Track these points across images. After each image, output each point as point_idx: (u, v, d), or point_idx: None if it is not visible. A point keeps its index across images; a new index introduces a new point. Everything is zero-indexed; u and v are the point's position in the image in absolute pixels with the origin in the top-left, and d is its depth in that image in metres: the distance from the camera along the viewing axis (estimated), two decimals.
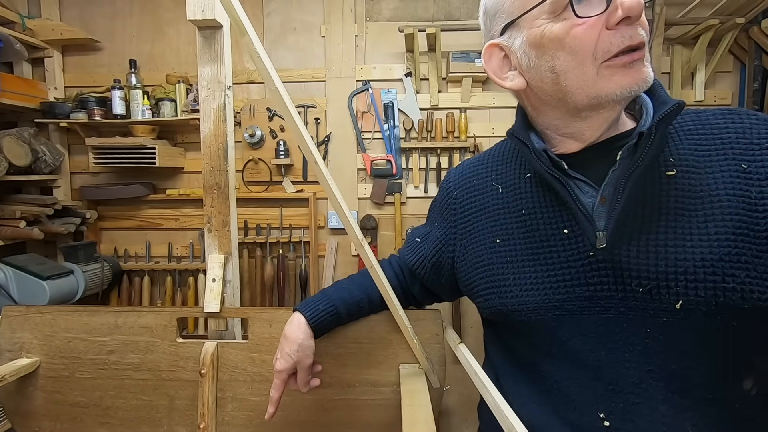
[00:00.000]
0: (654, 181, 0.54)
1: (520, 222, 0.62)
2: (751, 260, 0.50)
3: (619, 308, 0.53)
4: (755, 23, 1.87)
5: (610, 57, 0.51)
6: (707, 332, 0.51)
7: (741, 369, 0.52)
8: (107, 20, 2.19)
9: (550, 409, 0.58)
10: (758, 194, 0.51)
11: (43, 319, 0.97)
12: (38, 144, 2.01)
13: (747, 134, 0.54)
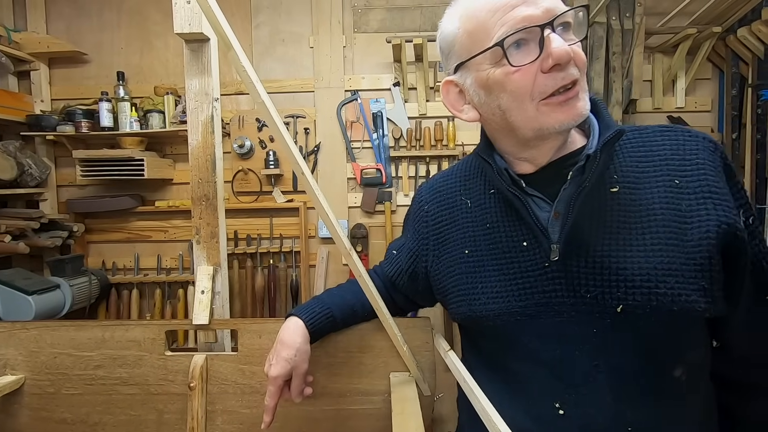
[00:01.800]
0: (600, 197, 0.60)
1: (485, 235, 0.67)
2: (679, 268, 0.56)
3: (570, 312, 0.60)
4: (732, 32, 1.93)
5: (547, 96, 0.57)
6: (644, 331, 0.58)
7: (673, 361, 0.59)
8: (95, 33, 2.19)
9: (516, 403, 0.64)
10: (687, 207, 0.57)
11: (28, 334, 0.95)
12: (24, 157, 1.99)
13: (680, 151, 0.60)
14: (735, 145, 2.00)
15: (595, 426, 0.59)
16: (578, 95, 0.57)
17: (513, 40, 0.55)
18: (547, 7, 0.55)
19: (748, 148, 1.91)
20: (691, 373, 0.60)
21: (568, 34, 0.58)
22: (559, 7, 0.56)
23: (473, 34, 0.59)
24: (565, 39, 0.56)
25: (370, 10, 2.16)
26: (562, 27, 0.57)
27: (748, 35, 1.85)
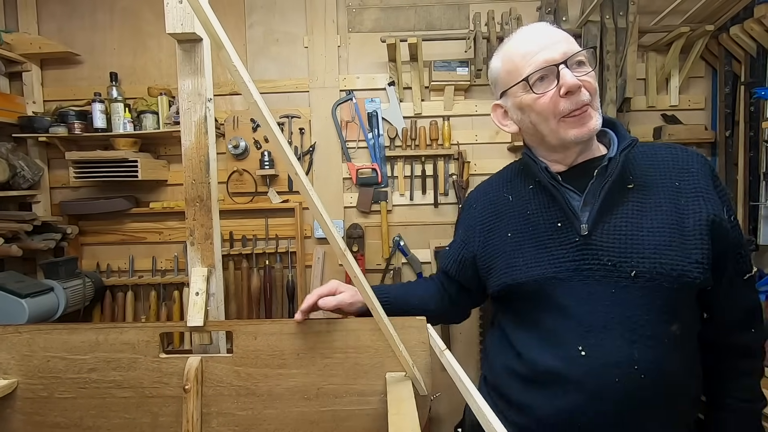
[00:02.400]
0: (619, 190, 0.80)
1: (525, 219, 0.86)
2: (679, 246, 0.76)
3: (595, 276, 0.78)
4: (724, 30, 1.94)
5: (565, 115, 0.79)
6: (650, 292, 0.76)
7: (671, 317, 0.76)
8: (87, 33, 2.17)
9: (546, 348, 0.80)
10: (684, 203, 0.79)
11: (20, 338, 0.94)
12: (16, 159, 1.97)
13: (680, 161, 0.82)
14: (728, 143, 2.01)
15: (609, 363, 0.75)
16: (590, 114, 0.78)
17: (537, 76, 0.79)
18: (563, 51, 0.78)
19: (741, 146, 1.92)
20: (683, 328, 0.77)
21: (582, 67, 0.79)
22: (573, 48, 0.79)
23: (510, 72, 0.83)
24: (578, 72, 0.78)
25: (365, 10, 2.16)
26: (576, 64, 0.79)
27: (741, 33, 1.86)
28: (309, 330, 0.94)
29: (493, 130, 2.16)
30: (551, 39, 0.80)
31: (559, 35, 0.81)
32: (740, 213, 1.94)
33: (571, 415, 0.77)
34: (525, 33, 0.83)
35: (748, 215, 1.92)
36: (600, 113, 0.80)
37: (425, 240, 2.17)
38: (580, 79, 0.76)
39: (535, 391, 0.81)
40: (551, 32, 0.81)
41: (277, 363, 0.93)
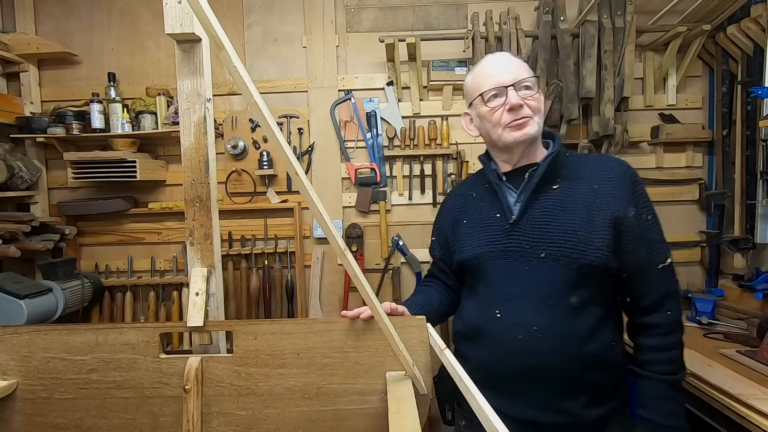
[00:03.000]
0: (544, 190, 1.01)
1: (478, 211, 1.09)
2: (584, 235, 0.95)
3: (515, 256, 0.99)
4: (721, 30, 1.95)
5: (507, 124, 1.00)
6: (555, 270, 0.96)
7: (570, 291, 0.95)
8: (85, 34, 2.17)
9: (475, 310, 1.05)
10: (598, 203, 0.97)
11: (20, 339, 0.94)
12: (14, 160, 1.97)
13: (604, 169, 1.01)
14: (725, 142, 2.02)
15: (516, 324, 0.97)
16: (528, 123, 0.99)
17: (491, 93, 1.01)
18: (513, 77, 1.00)
19: (739, 145, 1.93)
20: (582, 301, 0.95)
21: (529, 91, 1.00)
22: (523, 75, 1.00)
23: (474, 88, 1.05)
24: (525, 94, 0.99)
25: (363, 10, 2.16)
26: (524, 88, 0.99)
27: (738, 33, 1.87)
28: (309, 330, 0.94)
29: None
30: (507, 67, 1.01)
31: (515, 64, 1.02)
32: (737, 212, 1.94)
33: (491, 365, 0.98)
34: (490, 59, 1.06)
35: (745, 214, 1.93)
36: (540, 126, 1.01)
37: (424, 239, 2.17)
38: (525, 101, 0.99)
39: (469, 344, 1.05)
40: (509, 61, 1.03)
41: (277, 363, 0.94)
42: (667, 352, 0.97)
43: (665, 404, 0.95)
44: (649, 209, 0.99)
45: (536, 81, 1.01)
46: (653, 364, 0.97)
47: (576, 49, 1.94)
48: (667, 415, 0.95)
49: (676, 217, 2.18)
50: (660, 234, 0.99)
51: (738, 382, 1.26)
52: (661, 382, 0.96)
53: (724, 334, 1.70)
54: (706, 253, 2.13)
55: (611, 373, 0.98)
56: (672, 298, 0.98)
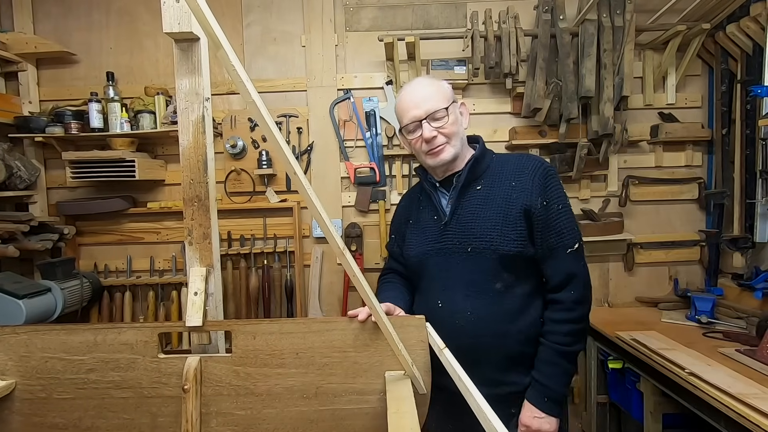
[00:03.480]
0: (469, 192, 1.16)
1: (420, 214, 1.24)
2: (501, 229, 1.09)
3: (449, 252, 1.14)
4: (720, 28, 1.95)
5: (426, 152, 1.15)
6: (479, 261, 1.10)
7: (494, 278, 1.10)
8: (83, 33, 2.16)
9: (421, 302, 1.20)
10: (515, 197, 1.11)
11: (18, 339, 0.94)
12: (12, 159, 1.96)
13: (520, 166, 1.15)
14: (725, 141, 2.02)
15: (454, 311, 1.11)
16: (444, 149, 1.13)
17: (410, 128, 1.15)
18: (426, 109, 1.12)
19: (738, 144, 1.93)
20: (506, 286, 1.10)
21: (442, 120, 1.12)
22: (433, 107, 1.11)
23: (398, 118, 1.19)
24: (437, 123, 1.12)
25: (362, 9, 2.15)
26: (437, 118, 1.12)
27: (737, 32, 1.87)
28: (308, 329, 0.94)
29: (490, 129, 2.16)
30: (422, 97, 1.13)
31: (428, 94, 1.13)
32: (736, 211, 1.94)
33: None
34: (407, 91, 1.17)
35: (744, 213, 1.93)
36: (457, 147, 1.14)
37: None
38: (438, 130, 1.12)
39: None
40: (423, 92, 1.14)
41: (276, 362, 0.93)
42: (565, 325, 1.09)
43: (552, 369, 1.08)
44: (560, 200, 1.11)
45: (446, 110, 1.12)
46: (551, 334, 1.10)
47: (575, 48, 1.94)
48: (550, 377, 1.08)
49: (675, 216, 2.18)
50: (569, 222, 1.11)
51: (737, 381, 1.26)
52: (554, 351, 1.08)
53: (724, 333, 1.70)
54: (706, 252, 2.13)
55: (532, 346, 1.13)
56: (576, 280, 1.10)
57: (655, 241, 2.16)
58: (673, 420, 1.62)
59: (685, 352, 1.49)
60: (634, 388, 1.68)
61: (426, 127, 1.11)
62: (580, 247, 1.11)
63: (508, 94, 2.13)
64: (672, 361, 1.42)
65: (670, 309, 2.04)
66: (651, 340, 1.61)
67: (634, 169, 2.16)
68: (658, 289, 2.18)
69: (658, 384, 1.52)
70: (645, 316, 1.98)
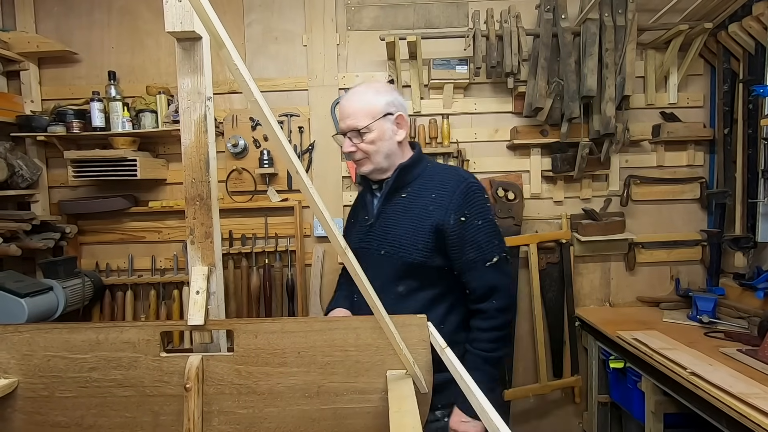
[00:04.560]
0: (395, 198, 1.24)
1: (357, 213, 1.37)
2: (411, 237, 1.17)
3: (370, 251, 1.23)
4: (723, 28, 1.94)
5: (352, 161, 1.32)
6: (388, 264, 1.19)
7: (398, 282, 1.20)
8: (85, 32, 2.16)
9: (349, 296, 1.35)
10: (431, 209, 1.17)
11: (20, 338, 0.94)
12: (14, 158, 1.97)
13: (444, 181, 1.21)
14: (727, 141, 2.02)
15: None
16: (362, 164, 1.24)
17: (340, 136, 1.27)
18: (348, 125, 1.21)
19: (740, 144, 1.93)
20: (409, 290, 1.19)
21: (364, 136, 1.20)
22: (353, 125, 1.20)
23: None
24: (356, 140, 1.21)
25: (363, 8, 2.15)
26: (357, 134, 1.20)
27: (739, 31, 1.86)
28: (309, 328, 0.94)
29: (492, 128, 2.16)
30: (349, 112, 1.21)
31: (354, 109, 1.21)
32: (738, 210, 1.94)
33: None
34: (342, 101, 1.27)
35: (746, 212, 1.92)
36: (377, 161, 1.22)
37: None
38: (357, 146, 1.21)
39: None
40: (351, 106, 1.22)
41: (278, 361, 0.94)
42: (488, 332, 1.16)
43: (478, 375, 1.07)
44: (480, 216, 1.18)
45: (369, 126, 1.19)
46: (477, 341, 1.17)
47: (577, 48, 1.93)
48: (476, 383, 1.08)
49: (677, 215, 2.18)
50: (489, 236, 1.17)
51: (739, 381, 1.26)
52: (479, 357, 1.15)
53: (725, 333, 1.70)
54: (707, 251, 2.13)
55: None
56: (498, 291, 1.17)
57: (657, 240, 2.16)
58: (675, 420, 1.62)
59: (687, 352, 1.49)
60: (636, 387, 1.68)
61: (346, 142, 1.22)
62: (500, 260, 1.17)
63: (510, 94, 2.13)
64: (673, 360, 1.42)
65: (672, 309, 2.04)
66: (652, 339, 1.61)
67: (635, 168, 2.16)
68: (659, 289, 2.18)
69: (660, 384, 1.52)
70: (646, 316, 1.98)
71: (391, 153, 1.22)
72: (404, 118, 1.25)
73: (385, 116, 1.20)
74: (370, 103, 1.20)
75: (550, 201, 2.18)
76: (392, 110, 1.22)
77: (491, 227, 1.19)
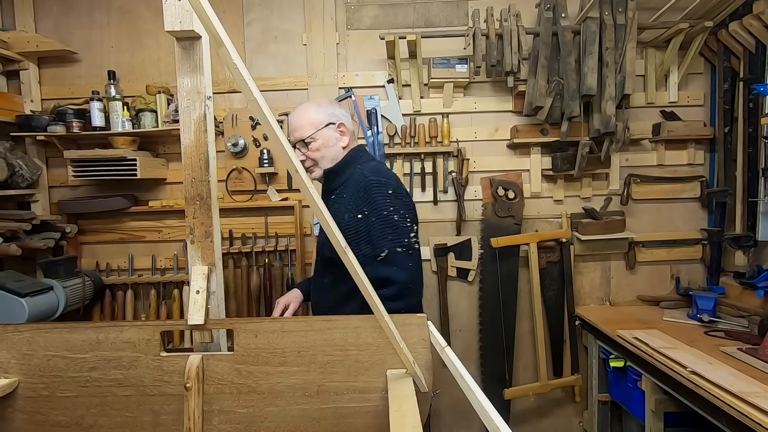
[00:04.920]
0: (330, 200, 1.38)
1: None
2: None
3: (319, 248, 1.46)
4: (723, 26, 1.94)
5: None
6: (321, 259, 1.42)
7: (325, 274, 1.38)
8: (84, 31, 2.16)
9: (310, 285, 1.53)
10: (349, 207, 1.29)
11: (21, 337, 0.94)
12: (14, 158, 1.97)
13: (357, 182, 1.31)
14: (727, 139, 2.01)
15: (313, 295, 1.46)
16: (312, 170, 1.39)
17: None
18: (296, 137, 1.37)
19: (740, 142, 1.93)
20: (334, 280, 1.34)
21: (310, 145, 1.36)
22: (299, 136, 1.36)
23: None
24: (304, 150, 1.37)
25: (363, 7, 2.15)
26: (304, 144, 1.36)
27: (740, 29, 1.86)
28: (309, 328, 0.94)
29: (492, 127, 2.16)
30: (295, 126, 1.37)
31: (299, 123, 1.36)
32: (739, 209, 1.94)
33: None
34: (290, 117, 1.41)
35: (746, 211, 1.92)
36: (323, 168, 1.37)
37: (425, 237, 2.17)
38: (305, 155, 1.36)
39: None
40: (296, 121, 1.37)
41: (278, 361, 0.94)
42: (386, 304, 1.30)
43: None
44: (376, 212, 1.26)
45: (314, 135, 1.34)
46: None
47: (577, 46, 1.93)
48: None
49: (677, 214, 2.18)
50: (382, 231, 1.25)
51: (739, 380, 1.26)
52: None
53: (726, 331, 1.70)
54: (708, 250, 2.13)
55: None
56: (391, 283, 1.23)
57: (657, 239, 2.16)
58: (675, 419, 1.62)
59: (687, 351, 1.49)
60: (636, 386, 1.68)
61: (297, 153, 1.36)
62: (390, 254, 1.24)
63: (510, 93, 2.13)
64: (674, 359, 1.42)
65: (672, 308, 2.04)
66: (652, 338, 1.61)
67: (635, 167, 2.16)
68: (659, 288, 2.18)
69: (660, 383, 1.52)
70: (646, 315, 1.98)
71: (335, 158, 1.38)
72: (347, 126, 1.39)
73: (328, 125, 1.36)
74: (312, 116, 1.36)
75: (551, 200, 2.18)
76: (334, 120, 1.37)
77: (385, 222, 1.25)
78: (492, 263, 2.11)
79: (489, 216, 2.14)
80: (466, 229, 2.18)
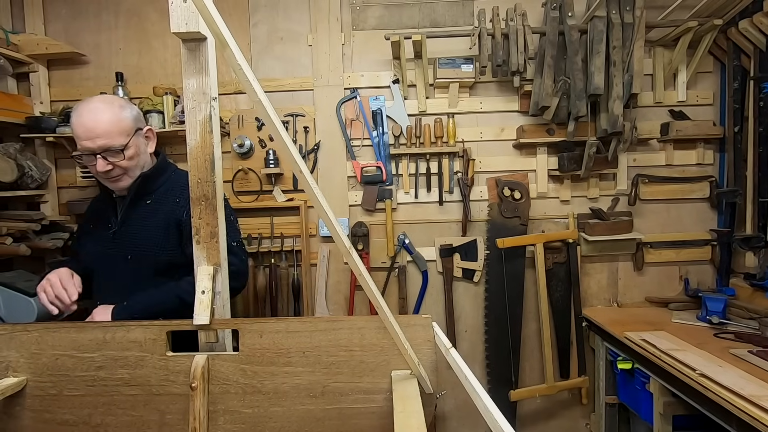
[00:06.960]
0: (140, 205, 1.32)
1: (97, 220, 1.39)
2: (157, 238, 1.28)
3: (115, 257, 1.30)
4: (733, 24, 1.91)
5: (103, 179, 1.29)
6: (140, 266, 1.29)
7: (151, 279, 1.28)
8: (93, 34, 2.18)
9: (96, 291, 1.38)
10: (177, 211, 1.28)
11: (29, 336, 0.95)
12: (24, 159, 1.99)
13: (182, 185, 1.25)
14: (737, 139, 1.99)
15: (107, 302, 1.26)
16: (121, 179, 1.28)
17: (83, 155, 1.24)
18: (101, 145, 1.21)
19: (751, 142, 1.90)
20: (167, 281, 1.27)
21: (121, 154, 1.24)
22: (108, 144, 1.22)
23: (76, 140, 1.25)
24: (115, 158, 1.24)
25: (368, 7, 2.15)
26: (114, 153, 1.23)
27: (750, 27, 1.84)
28: (315, 328, 0.94)
29: (498, 128, 2.15)
30: (99, 132, 1.20)
31: (105, 129, 1.20)
32: (749, 209, 1.91)
33: None
34: (80, 116, 1.21)
35: (757, 212, 1.90)
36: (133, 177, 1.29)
37: (430, 238, 2.17)
38: (115, 164, 1.24)
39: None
40: (100, 126, 1.20)
41: (283, 361, 0.94)
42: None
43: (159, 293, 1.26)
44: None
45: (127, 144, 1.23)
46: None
47: (584, 46, 1.92)
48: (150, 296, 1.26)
49: (686, 215, 2.15)
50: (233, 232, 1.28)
51: (749, 383, 1.24)
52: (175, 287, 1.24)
53: (736, 333, 1.67)
54: (717, 251, 2.10)
55: None
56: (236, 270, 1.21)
57: (666, 240, 2.13)
58: (684, 422, 1.60)
59: (696, 353, 1.47)
60: (644, 389, 1.66)
61: (100, 162, 1.22)
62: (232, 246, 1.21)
63: (516, 92, 2.12)
64: (682, 362, 1.40)
65: (681, 309, 2.01)
66: (661, 340, 1.59)
67: (643, 167, 2.13)
68: (668, 289, 2.16)
69: (668, 385, 1.51)
70: (655, 317, 1.96)
71: (144, 165, 1.33)
72: (152, 131, 1.36)
73: (137, 132, 1.28)
74: (121, 121, 1.24)
75: (557, 200, 2.17)
76: (141, 125, 1.31)
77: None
78: (498, 264, 2.10)
79: (495, 216, 2.13)
80: (472, 230, 2.17)
